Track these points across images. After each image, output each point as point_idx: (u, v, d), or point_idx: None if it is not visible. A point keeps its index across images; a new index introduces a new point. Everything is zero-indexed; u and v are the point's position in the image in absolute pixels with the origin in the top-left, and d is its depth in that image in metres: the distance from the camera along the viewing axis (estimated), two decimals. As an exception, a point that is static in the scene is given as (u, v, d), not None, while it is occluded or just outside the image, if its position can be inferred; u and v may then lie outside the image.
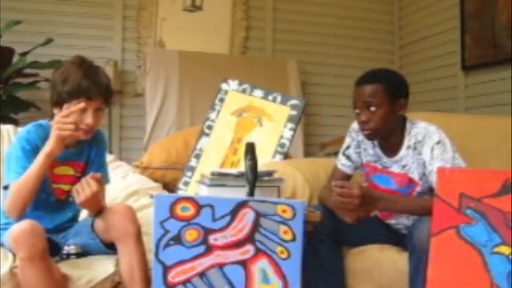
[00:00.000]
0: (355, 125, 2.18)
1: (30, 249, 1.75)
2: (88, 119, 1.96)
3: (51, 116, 2.02)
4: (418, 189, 2.02)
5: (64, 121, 1.88)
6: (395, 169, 2.05)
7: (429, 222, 1.76)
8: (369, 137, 2.04)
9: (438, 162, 1.92)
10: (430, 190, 2.00)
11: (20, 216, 1.90)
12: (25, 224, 1.77)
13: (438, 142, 1.95)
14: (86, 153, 2.10)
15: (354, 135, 2.19)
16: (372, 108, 1.99)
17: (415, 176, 2.01)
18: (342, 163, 2.21)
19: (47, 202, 2.03)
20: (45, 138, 1.98)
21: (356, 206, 1.87)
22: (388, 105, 2.00)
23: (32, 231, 1.76)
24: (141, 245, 1.94)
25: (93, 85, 1.96)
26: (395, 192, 2.05)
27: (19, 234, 1.76)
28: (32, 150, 1.95)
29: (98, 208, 1.96)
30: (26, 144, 1.96)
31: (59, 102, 1.96)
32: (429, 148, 1.96)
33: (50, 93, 2.01)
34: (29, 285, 1.79)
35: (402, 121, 2.05)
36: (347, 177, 2.21)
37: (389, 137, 2.05)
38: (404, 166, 2.03)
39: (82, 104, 1.92)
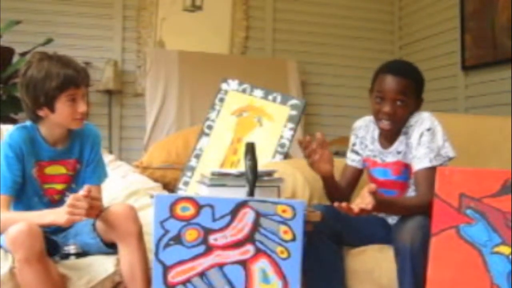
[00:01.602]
0: (357, 124, 2.22)
1: (27, 251, 1.74)
2: (82, 107, 1.95)
3: (34, 120, 1.98)
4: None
5: (78, 205, 1.79)
6: (391, 158, 2.07)
7: (412, 221, 1.79)
8: (387, 129, 2.03)
9: (424, 149, 1.94)
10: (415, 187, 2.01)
11: None
12: (22, 225, 1.76)
13: (429, 129, 1.96)
14: (77, 150, 2.06)
15: (357, 133, 2.22)
16: (399, 103, 1.98)
17: (408, 160, 2.02)
18: (352, 159, 2.23)
19: (41, 204, 2.00)
20: (29, 139, 1.96)
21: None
22: (413, 101, 2.01)
23: (29, 233, 1.74)
24: (143, 244, 1.93)
25: (76, 72, 1.93)
26: (393, 182, 2.07)
27: (16, 236, 1.74)
28: (15, 157, 1.93)
29: (97, 214, 1.95)
30: (9, 150, 1.93)
31: (47, 102, 1.91)
32: (418, 133, 1.97)
33: (29, 97, 1.92)
34: (27, 286, 1.79)
35: None
36: (359, 172, 2.22)
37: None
38: (399, 153, 2.04)
39: None
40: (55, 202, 2.03)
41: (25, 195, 1.99)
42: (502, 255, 1.65)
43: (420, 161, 1.95)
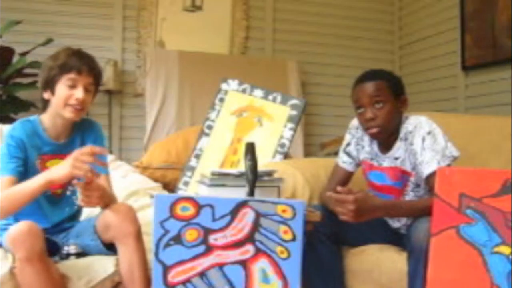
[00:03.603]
0: (354, 122, 2.20)
1: (28, 250, 1.74)
2: (79, 93, 1.96)
3: (43, 107, 2.04)
4: (412, 179, 2.02)
5: (82, 159, 1.80)
6: (388, 163, 2.06)
7: (428, 222, 1.76)
8: (376, 135, 2.03)
9: (429, 152, 1.93)
10: (429, 191, 2.00)
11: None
12: (22, 225, 1.76)
13: (429, 133, 1.96)
14: (78, 143, 2.06)
15: (354, 132, 2.20)
16: (378, 105, 1.99)
17: (407, 167, 2.01)
18: (343, 161, 2.21)
19: (43, 198, 2.01)
20: (31, 132, 1.99)
21: (352, 217, 1.85)
22: (392, 101, 2.01)
23: (29, 232, 1.75)
24: (141, 244, 1.93)
25: (82, 59, 1.99)
26: (390, 187, 2.06)
27: (17, 235, 1.75)
28: (16, 146, 1.95)
29: (107, 203, 1.95)
30: (10, 140, 1.96)
31: (49, 82, 1.98)
32: (420, 138, 1.96)
33: (40, 80, 2.03)
34: (28, 286, 1.79)
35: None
36: (349, 175, 2.21)
37: (389, 135, 2.05)
38: (396, 159, 2.03)
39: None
40: (58, 196, 2.05)
41: None
42: (502, 255, 1.65)
43: (428, 165, 1.93)
